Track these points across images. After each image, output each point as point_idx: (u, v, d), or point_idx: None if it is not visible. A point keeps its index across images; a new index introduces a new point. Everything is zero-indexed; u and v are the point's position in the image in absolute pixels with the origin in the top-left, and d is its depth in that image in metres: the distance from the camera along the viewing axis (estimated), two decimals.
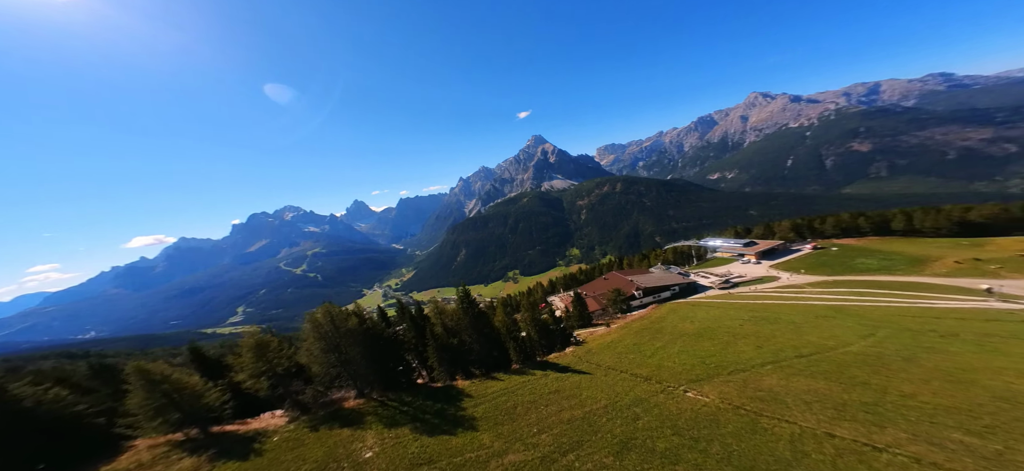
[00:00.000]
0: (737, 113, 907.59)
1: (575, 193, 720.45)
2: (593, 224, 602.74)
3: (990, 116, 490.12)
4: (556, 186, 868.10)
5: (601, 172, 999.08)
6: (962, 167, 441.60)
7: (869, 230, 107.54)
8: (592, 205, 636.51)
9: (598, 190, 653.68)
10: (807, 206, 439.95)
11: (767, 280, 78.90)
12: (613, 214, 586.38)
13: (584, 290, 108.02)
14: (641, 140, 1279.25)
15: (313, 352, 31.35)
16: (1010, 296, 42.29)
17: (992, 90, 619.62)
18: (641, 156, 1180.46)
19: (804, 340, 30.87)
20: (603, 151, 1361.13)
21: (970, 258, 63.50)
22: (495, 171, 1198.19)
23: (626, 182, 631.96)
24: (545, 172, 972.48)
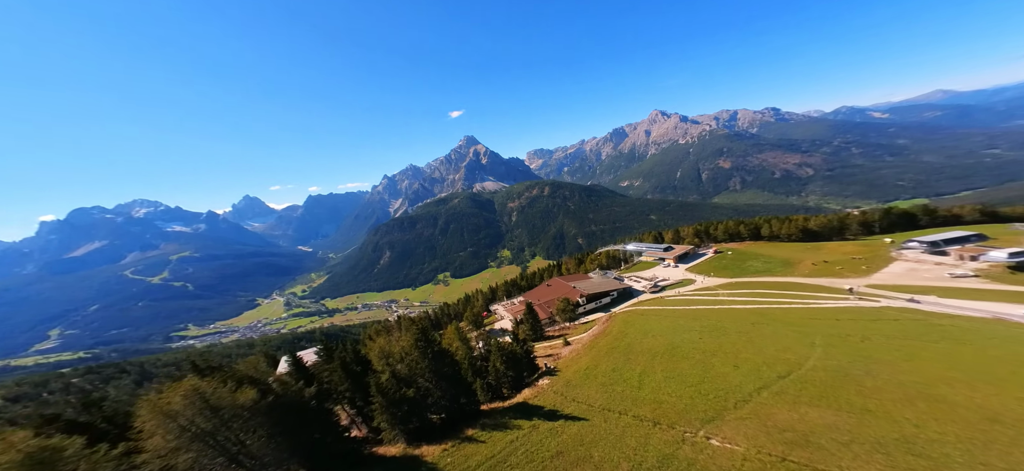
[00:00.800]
0: (643, 127, 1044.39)
1: (506, 195, 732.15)
2: (523, 226, 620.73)
3: (798, 146, 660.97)
4: (487, 188, 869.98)
5: (531, 176, 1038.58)
6: (783, 184, 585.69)
7: (747, 235, 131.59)
8: (522, 208, 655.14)
9: (528, 193, 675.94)
10: (690, 212, 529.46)
11: (686, 283, 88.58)
12: (541, 217, 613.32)
13: (529, 297, 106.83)
14: (567, 146, 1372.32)
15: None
16: (865, 294, 53.76)
17: (801, 125, 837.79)
18: (566, 162, 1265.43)
19: (765, 354, 32.84)
20: (533, 155, 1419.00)
21: (821, 261, 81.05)
22: (425, 170, 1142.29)
23: (553, 186, 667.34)
24: (477, 173, 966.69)
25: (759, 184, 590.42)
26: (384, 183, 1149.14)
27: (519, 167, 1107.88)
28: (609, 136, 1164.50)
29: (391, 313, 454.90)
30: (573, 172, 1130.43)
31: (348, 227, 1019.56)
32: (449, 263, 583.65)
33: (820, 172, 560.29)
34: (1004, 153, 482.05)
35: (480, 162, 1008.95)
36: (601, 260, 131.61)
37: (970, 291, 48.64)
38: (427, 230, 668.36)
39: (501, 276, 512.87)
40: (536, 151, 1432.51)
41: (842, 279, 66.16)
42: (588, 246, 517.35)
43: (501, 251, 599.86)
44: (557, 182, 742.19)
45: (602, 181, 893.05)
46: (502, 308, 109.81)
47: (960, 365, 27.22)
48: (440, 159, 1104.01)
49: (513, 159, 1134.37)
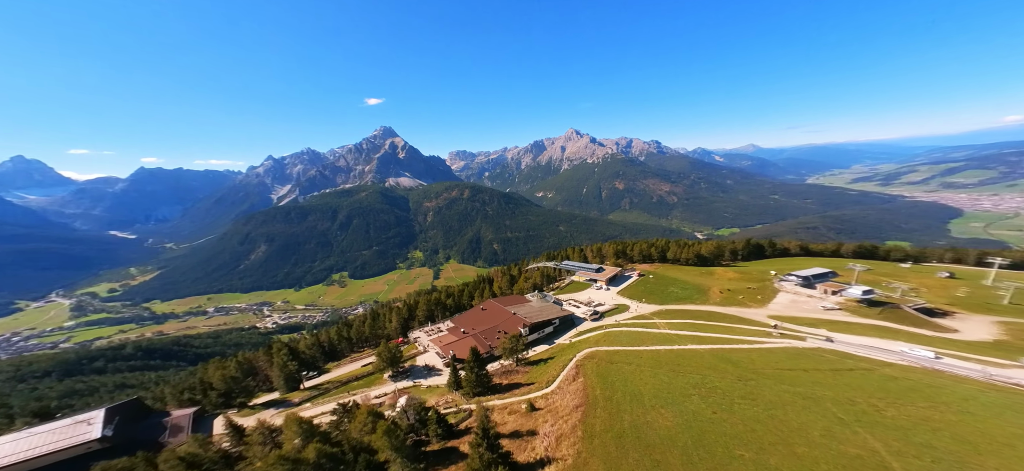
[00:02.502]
0: (559, 143, 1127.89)
1: (423, 194, 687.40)
2: (439, 227, 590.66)
3: (669, 176, 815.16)
4: (403, 184, 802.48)
5: (451, 176, 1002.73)
6: (658, 208, 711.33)
7: (656, 257, 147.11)
8: (440, 208, 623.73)
9: (447, 194, 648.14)
10: (592, 226, 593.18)
11: (622, 308, 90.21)
12: (459, 219, 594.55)
13: (462, 323, 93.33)
14: (490, 152, 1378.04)
15: None
16: (785, 330, 60.50)
17: (672, 159, 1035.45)
18: (488, 167, 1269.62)
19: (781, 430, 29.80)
20: (455, 156, 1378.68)
21: (725, 288, 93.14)
22: (326, 157, 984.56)
23: (474, 190, 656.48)
24: (392, 167, 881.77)
25: (642, 206, 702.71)
26: (267, 165, 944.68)
27: (440, 166, 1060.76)
28: (529, 147, 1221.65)
29: (263, 318, 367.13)
30: (494, 178, 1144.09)
31: (203, 212, 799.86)
32: (348, 261, 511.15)
33: (681, 200, 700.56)
34: (780, 199, 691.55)
35: (397, 156, 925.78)
36: (535, 278, 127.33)
37: (855, 326, 59.94)
38: (322, 223, 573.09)
39: (411, 278, 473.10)
40: (459, 152, 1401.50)
41: (750, 308, 75.80)
42: (504, 252, 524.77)
43: (413, 252, 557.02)
44: (478, 186, 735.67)
45: (520, 189, 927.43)
46: (425, 336, 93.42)
47: None
48: (348, 147, 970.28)
49: (434, 158, 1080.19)
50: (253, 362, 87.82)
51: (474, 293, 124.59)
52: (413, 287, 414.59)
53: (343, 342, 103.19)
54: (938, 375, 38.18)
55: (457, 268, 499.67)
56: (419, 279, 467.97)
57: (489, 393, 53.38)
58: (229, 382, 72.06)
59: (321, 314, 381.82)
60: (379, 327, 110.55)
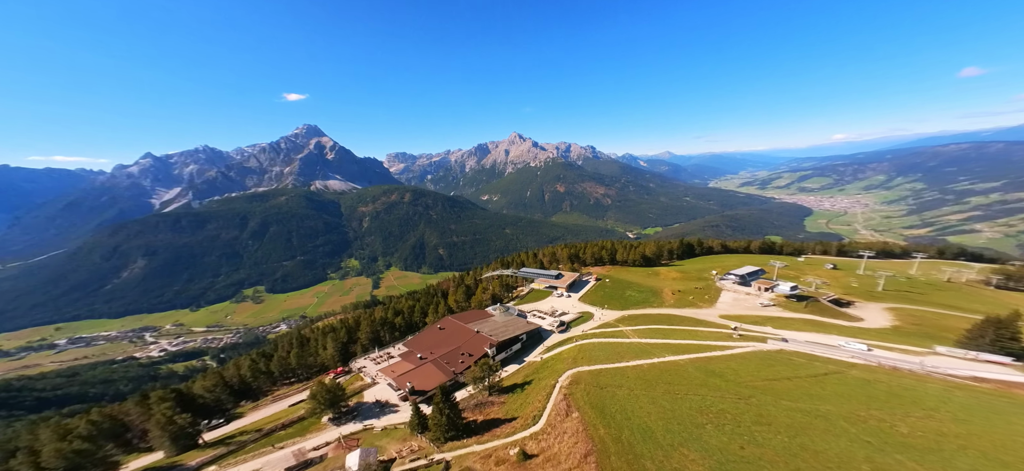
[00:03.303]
0: (503, 146, 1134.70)
1: (358, 198, 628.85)
2: (378, 233, 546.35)
3: (604, 180, 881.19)
4: (332, 187, 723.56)
5: (390, 179, 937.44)
6: (595, 209, 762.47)
7: (607, 260, 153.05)
8: (378, 213, 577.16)
9: (386, 198, 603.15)
10: (537, 229, 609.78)
11: (586, 317, 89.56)
12: (400, 224, 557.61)
13: (418, 347, 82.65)
14: (432, 154, 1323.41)
15: None
16: (743, 331, 64.52)
17: (606, 163, 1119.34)
18: (430, 170, 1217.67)
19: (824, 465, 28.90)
20: (394, 158, 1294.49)
21: (676, 289, 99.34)
22: (231, 156, 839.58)
23: (416, 193, 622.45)
24: (319, 169, 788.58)
25: (582, 208, 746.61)
26: (145, 164, 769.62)
27: (376, 169, 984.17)
28: (474, 150, 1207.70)
29: (144, 347, 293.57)
30: (437, 181, 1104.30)
31: (45, 221, 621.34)
32: (265, 274, 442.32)
33: (615, 202, 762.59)
34: (691, 200, 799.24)
35: (324, 157, 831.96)
36: (494, 289, 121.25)
37: (792, 321, 67.16)
38: (228, 231, 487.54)
39: (346, 288, 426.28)
40: (398, 154, 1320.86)
41: (701, 309, 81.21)
42: (450, 257, 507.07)
43: (347, 260, 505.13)
44: (420, 189, 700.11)
45: (465, 193, 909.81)
46: (373, 365, 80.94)
47: None
48: (260, 146, 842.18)
49: (369, 159, 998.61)
50: (119, 417, 63.81)
51: (427, 309, 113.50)
52: (349, 298, 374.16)
53: (260, 377, 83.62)
54: (899, 375, 41.87)
55: (400, 276, 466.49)
56: (356, 289, 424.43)
57: (464, 434, 45.98)
58: (71, 457, 48.17)
59: (230, 335, 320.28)
60: (309, 355, 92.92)
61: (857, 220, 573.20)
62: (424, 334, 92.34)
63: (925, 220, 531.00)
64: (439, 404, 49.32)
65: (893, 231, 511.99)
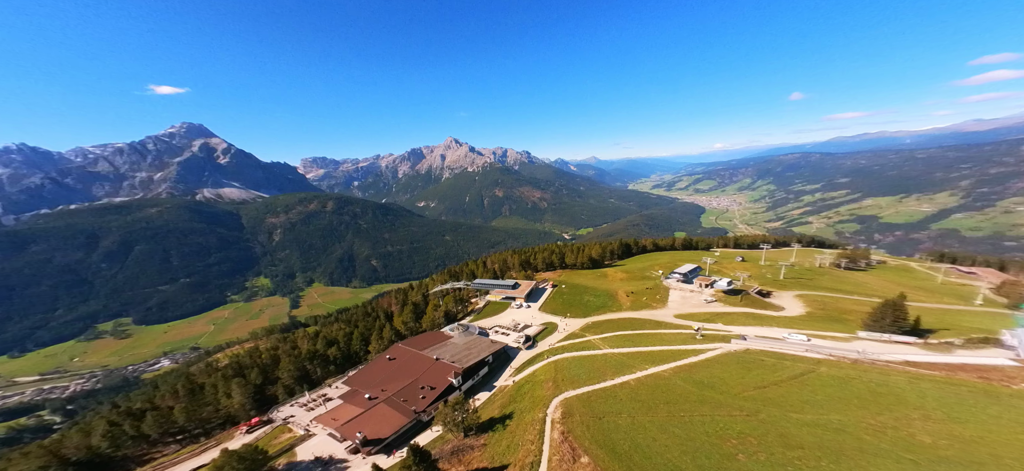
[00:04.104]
0: (439, 151, 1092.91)
1: (265, 207, 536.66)
2: (294, 246, 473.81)
3: (540, 184, 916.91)
4: (228, 196, 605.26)
5: (307, 186, 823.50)
6: (532, 213, 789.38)
7: (557, 264, 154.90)
8: (293, 224, 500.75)
9: (303, 207, 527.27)
10: (477, 234, 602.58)
11: (551, 329, 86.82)
12: (323, 235, 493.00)
13: (360, 384, 68.90)
14: (359, 159, 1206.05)
15: None
16: (705, 331, 68.01)
17: (541, 168, 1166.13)
18: (357, 176, 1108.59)
19: None
20: (310, 163, 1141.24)
21: (628, 291, 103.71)
22: (67, 158, 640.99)
23: (341, 201, 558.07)
24: (208, 175, 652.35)
25: (520, 212, 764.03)
26: None
27: (288, 175, 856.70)
28: (407, 155, 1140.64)
29: None
30: (366, 188, 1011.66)
31: None
32: (133, 303, 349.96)
33: (551, 205, 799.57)
34: (615, 202, 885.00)
35: (215, 161, 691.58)
36: (447, 305, 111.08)
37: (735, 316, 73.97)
38: (67, 253, 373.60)
39: (255, 311, 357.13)
40: (317, 160, 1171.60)
41: (657, 310, 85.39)
42: (386, 268, 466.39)
43: (254, 279, 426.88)
44: (346, 197, 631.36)
45: (399, 199, 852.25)
46: (304, 412, 65.98)
47: None
48: (115, 147, 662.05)
49: (279, 165, 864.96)
50: None
51: (369, 335, 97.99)
52: (261, 321, 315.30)
53: (127, 442, 60.52)
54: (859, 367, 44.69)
55: (325, 292, 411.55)
56: (269, 310, 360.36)
57: None
58: None
59: (81, 381, 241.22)
60: (203, 406, 71.22)
61: (735, 216, 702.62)
62: (370, 367, 78.48)
63: (778, 215, 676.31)
64: (411, 465, 39.88)
65: (759, 224, 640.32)
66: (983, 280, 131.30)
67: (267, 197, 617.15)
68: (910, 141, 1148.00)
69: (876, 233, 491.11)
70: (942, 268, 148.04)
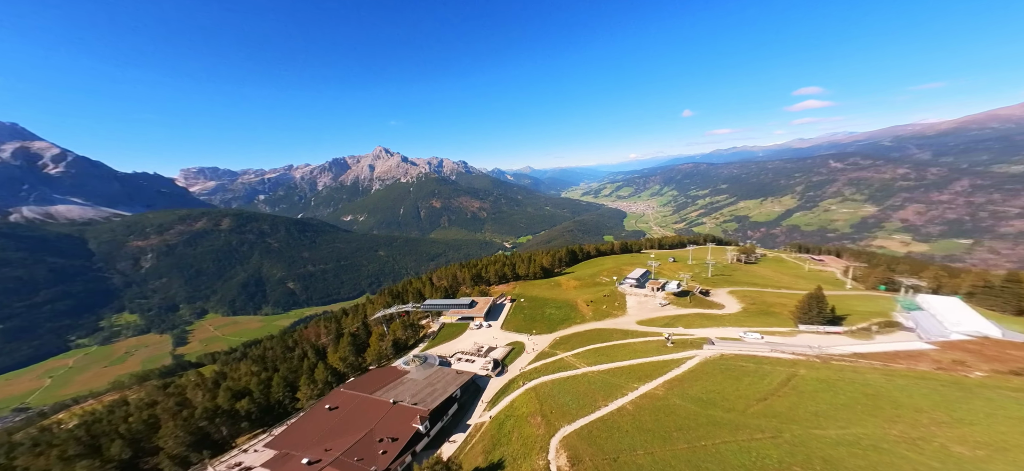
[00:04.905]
0: (366, 161, 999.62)
1: (125, 229, 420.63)
2: (174, 272, 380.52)
3: (478, 194, 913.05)
4: (66, 215, 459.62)
5: (191, 202, 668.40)
6: (472, 223, 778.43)
7: (510, 276, 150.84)
8: (172, 246, 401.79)
9: (185, 225, 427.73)
10: (415, 247, 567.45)
11: (519, 349, 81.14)
12: (217, 257, 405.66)
13: (292, 444, 53.20)
14: (264, 170, 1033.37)
15: None
16: (677, 337, 69.80)
17: (478, 178, 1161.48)
18: (263, 188, 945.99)
19: None
20: (196, 174, 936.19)
21: (588, 300, 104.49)
22: None
23: (241, 217, 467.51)
24: (31, 190, 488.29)
25: (460, 223, 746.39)
26: None
27: (159, 188, 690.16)
28: (328, 165, 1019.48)
29: None
30: (275, 202, 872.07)
31: None
32: None
33: (490, 215, 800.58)
34: (551, 210, 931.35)
35: (41, 171, 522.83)
36: (395, 333, 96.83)
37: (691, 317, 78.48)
38: None
39: (116, 354, 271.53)
40: (205, 170, 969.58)
41: (619, 318, 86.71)
42: (306, 291, 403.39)
43: (114, 316, 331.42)
44: (248, 212, 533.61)
45: (320, 214, 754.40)
46: None
47: None
48: None
49: (143, 175, 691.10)
50: None
51: (296, 379, 79.13)
52: (128, 367, 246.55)
53: None
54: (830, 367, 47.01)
55: (224, 323, 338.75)
56: (141, 352, 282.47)
57: None
58: None
59: None
60: None
61: (650, 219, 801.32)
62: (305, 421, 61.99)
63: (681, 217, 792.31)
64: None
65: (669, 226, 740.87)
66: (830, 266, 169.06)
67: (129, 216, 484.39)
68: (762, 154, 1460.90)
69: (749, 230, 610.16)
70: (805, 258, 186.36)
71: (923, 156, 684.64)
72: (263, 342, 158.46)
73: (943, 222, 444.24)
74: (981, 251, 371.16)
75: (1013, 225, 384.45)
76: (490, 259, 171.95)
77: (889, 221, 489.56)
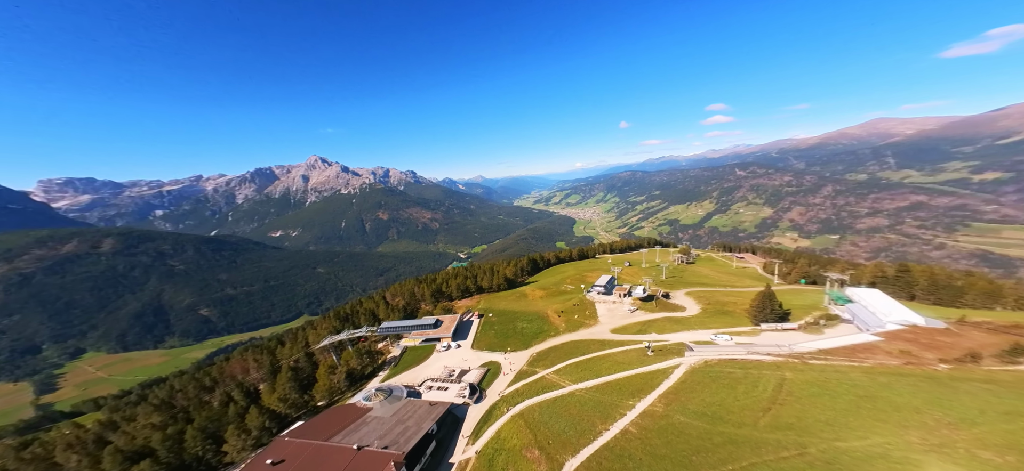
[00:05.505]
0: (299, 171, 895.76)
1: None
2: (31, 308, 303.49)
3: (429, 204, 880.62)
4: None
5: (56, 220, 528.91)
6: (424, 235, 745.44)
7: (474, 289, 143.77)
8: (28, 276, 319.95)
9: (48, 249, 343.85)
10: (360, 262, 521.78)
11: (495, 369, 75.19)
12: (97, 287, 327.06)
13: None
14: (161, 181, 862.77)
15: None
16: (656, 344, 69.68)
17: (429, 188, 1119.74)
18: (160, 202, 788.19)
19: None
20: (61, 186, 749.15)
21: (558, 311, 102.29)
22: None
23: (130, 238, 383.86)
24: None
25: (410, 234, 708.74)
26: None
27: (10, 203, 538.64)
28: (250, 176, 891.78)
29: None
30: (179, 218, 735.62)
31: None
32: None
33: (442, 226, 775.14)
34: (504, 218, 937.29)
35: None
36: (348, 362, 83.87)
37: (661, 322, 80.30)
38: None
39: None
40: (74, 181, 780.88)
41: (592, 327, 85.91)
42: (226, 318, 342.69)
43: None
44: (140, 231, 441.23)
45: (240, 230, 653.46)
46: None
47: None
48: None
49: None
50: None
51: (219, 429, 63.04)
52: None
53: None
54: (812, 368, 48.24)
55: (112, 361, 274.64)
56: None
57: None
58: None
59: None
60: None
61: (597, 225, 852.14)
62: None
63: (623, 222, 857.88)
64: None
65: (614, 231, 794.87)
66: (750, 262, 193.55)
67: None
68: (685, 163, 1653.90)
69: (680, 232, 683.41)
70: (731, 257, 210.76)
71: (800, 166, 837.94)
72: (169, 381, 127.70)
73: (818, 221, 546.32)
74: (846, 245, 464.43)
75: (864, 222, 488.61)
76: (450, 272, 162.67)
77: (782, 221, 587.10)
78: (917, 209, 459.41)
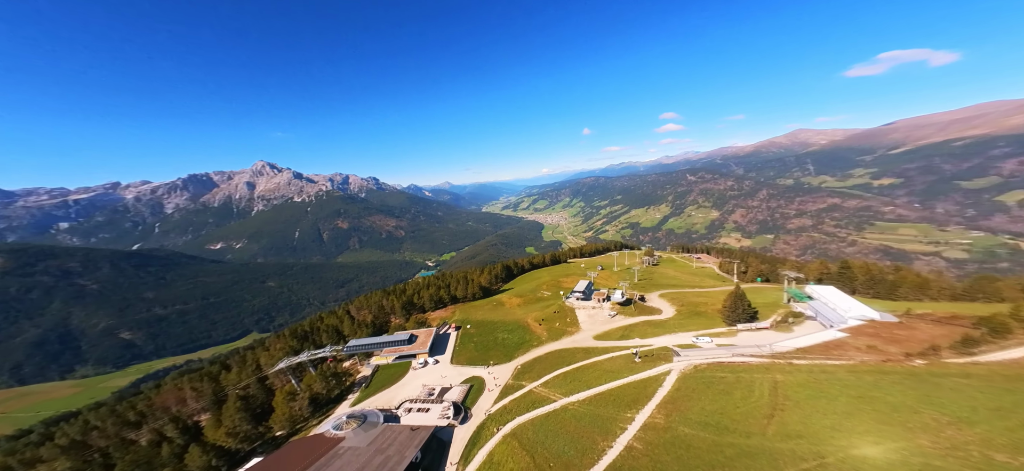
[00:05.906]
0: (243, 178, 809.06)
1: None
2: None
3: (393, 212, 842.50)
4: None
5: None
6: (388, 243, 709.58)
7: (447, 300, 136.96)
8: None
9: None
10: (317, 273, 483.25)
11: (479, 385, 70.58)
12: None
13: None
14: (66, 189, 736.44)
15: None
16: (643, 350, 69.13)
17: (392, 195, 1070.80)
18: (65, 213, 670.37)
19: None
20: None
21: (538, 319, 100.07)
22: None
23: (24, 256, 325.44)
24: None
25: (373, 243, 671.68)
26: None
27: None
28: (181, 183, 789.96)
29: None
30: (92, 230, 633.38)
31: None
32: None
33: (408, 233, 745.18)
34: (473, 225, 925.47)
35: None
36: (313, 386, 74.24)
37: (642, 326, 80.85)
38: None
39: None
40: None
41: (575, 334, 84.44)
42: (155, 341, 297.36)
43: None
44: (37, 246, 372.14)
45: (171, 243, 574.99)
46: None
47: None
48: None
49: None
50: None
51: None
52: None
53: None
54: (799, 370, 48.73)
55: (7, 397, 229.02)
56: None
57: None
58: None
59: None
60: None
61: (564, 230, 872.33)
62: None
63: (589, 226, 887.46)
64: None
65: (580, 235, 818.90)
66: (707, 263, 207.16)
67: None
68: (643, 168, 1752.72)
69: (640, 235, 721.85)
70: (690, 257, 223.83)
71: (739, 171, 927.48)
72: (82, 415, 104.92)
73: (756, 222, 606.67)
74: (779, 244, 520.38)
75: (793, 223, 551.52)
76: (422, 282, 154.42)
77: (727, 222, 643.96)
78: (833, 211, 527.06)
